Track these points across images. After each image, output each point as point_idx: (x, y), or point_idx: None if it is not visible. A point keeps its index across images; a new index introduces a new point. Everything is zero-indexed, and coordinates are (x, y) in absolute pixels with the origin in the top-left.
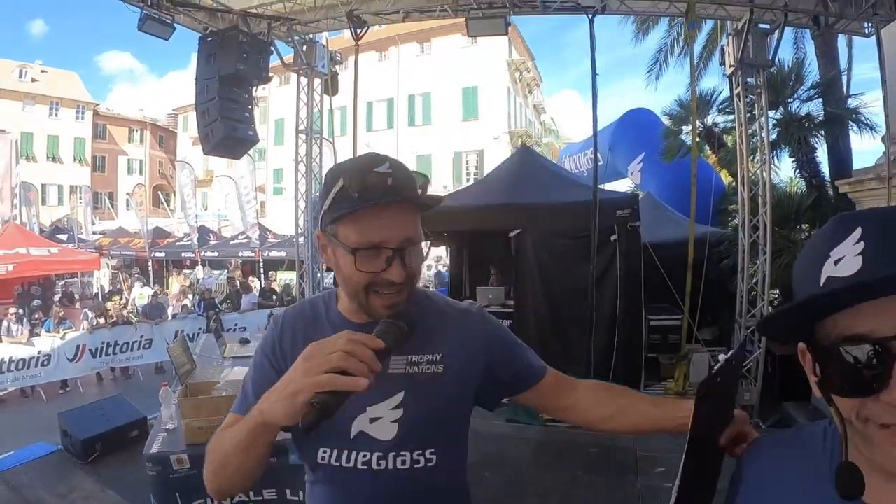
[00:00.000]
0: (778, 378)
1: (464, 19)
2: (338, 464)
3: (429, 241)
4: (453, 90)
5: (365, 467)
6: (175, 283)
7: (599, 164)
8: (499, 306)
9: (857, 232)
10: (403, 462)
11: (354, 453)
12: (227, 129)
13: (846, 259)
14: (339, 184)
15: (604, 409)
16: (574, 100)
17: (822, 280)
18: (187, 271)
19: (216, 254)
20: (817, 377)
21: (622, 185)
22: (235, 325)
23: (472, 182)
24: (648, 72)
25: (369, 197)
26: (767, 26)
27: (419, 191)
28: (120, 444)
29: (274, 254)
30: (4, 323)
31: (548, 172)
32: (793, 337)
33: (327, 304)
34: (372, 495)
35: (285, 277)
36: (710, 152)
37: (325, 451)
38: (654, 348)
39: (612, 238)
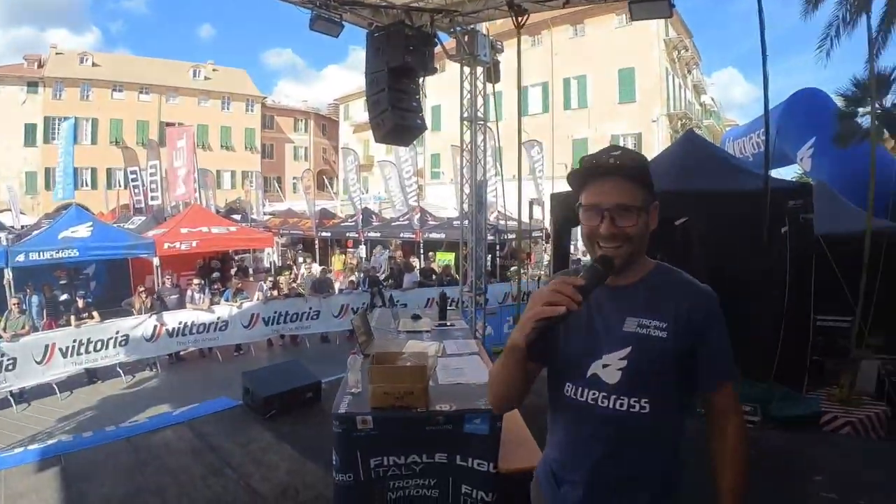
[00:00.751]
0: None
1: (626, 3)
2: (575, 397)
3: (650, 210)
4: (609, 72)
5: (594, 403)
6: (338, 262)
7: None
8: None
9: None
10: (622, 405)
11: (587, 390)
12: (397, 119)
13: None
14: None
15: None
16: (737, 78)
17: None
18: (351, 250)
19: (378, 234)
20: None
21: (790, 172)
22: (397, 301)
23: None
24: (818, 47)
25: (595, 171)
26: None
27: (640, 170)
28: (296, 403)
29: (433, 235)
30: (189, 292)
31: (714, 158)
32: None
33: None
34: (595, 427)
35: (444, 258)
36: (888, 137)
37: (569, 386)
38: (819, 351)
39: (783, 230)
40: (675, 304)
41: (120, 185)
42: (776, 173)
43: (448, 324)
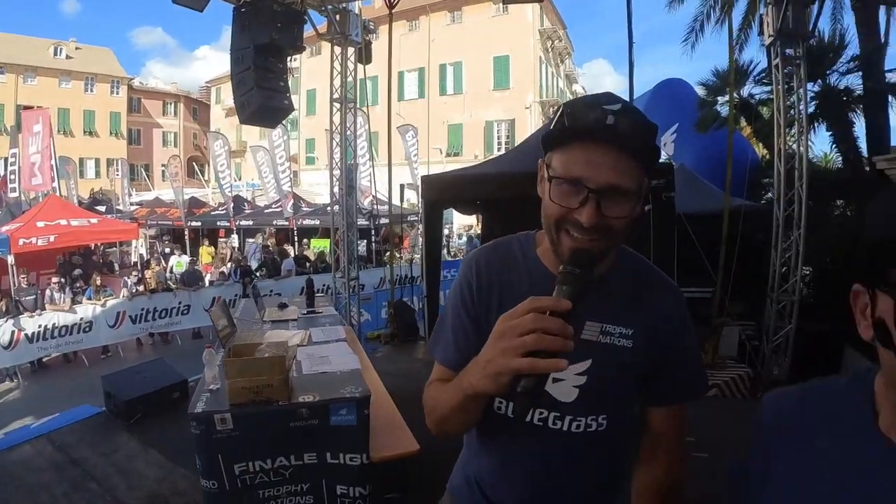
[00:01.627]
0: (810, 355)
1: None
2: (513, 416)
3: (642, 195)
4: (484, 59)
5: (540, 424)
6: (205, 254)
7: None
8: None
9: None
10: (578, 426)
11: (528, 412)
12: (263, 99)
13: None
14: (560, 111)
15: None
16: (607, 69)
17: None
18: (223, 240)
19: (251, 222)
20: (873, 319)
21: None
22: (271, 290)
23: (503, 152)
24: (684, 41)
25: (581, 129)
26: None
27: (645, 142)
28: (162, 405)
29: (307, 222)
30: (48, 292)
31: None
32: (857, 275)
33: (524, 246)
34: (541, 450)
35: (319, 245)
36: (745, 124)
37: (501, 402)
38: None
39: (647, 208)
40: (644, 307)
41: None
42: None
43: (317, 311)
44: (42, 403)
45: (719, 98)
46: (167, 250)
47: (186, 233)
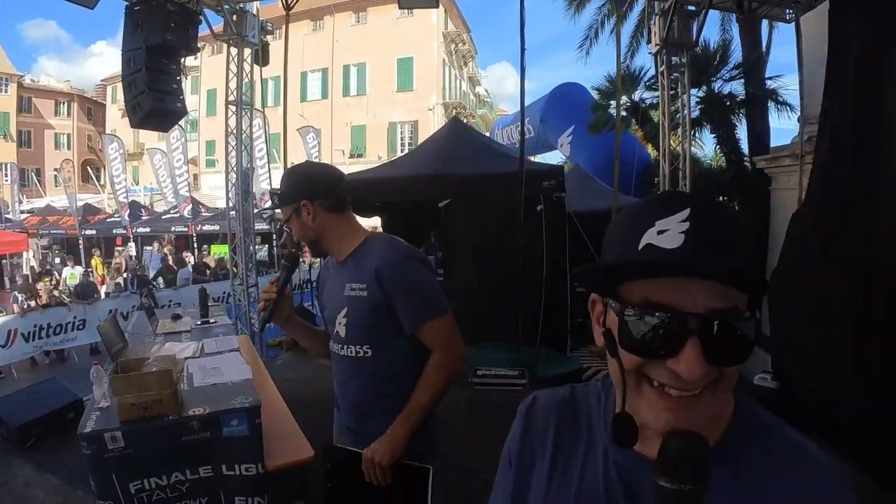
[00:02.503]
0: None
1: None
2: (333, 349)
3: (300, 211)
4: (388, 61)
5: (337, 353)
6: (98, 265)
7: (531, 136)
8: None
9: (686, 212)
10: (351, 351)
11: (334, 343)
12: (155, 101)
13: (670, 233)
14: None
15: None
16: (510, 71)
17: (642, 244)
18: (119, 248)
19: (148, 229)
20: (604, 328)
21: (553, 157)
22: (170, 301)
23: (406, 153)
24: (579, 47)
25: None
26: (693, 8)
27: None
28: (57, 427)
29: (207, 227)
30: None
31: (477, 144)
32: (593, 287)
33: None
34: (340, 371)
35: (219, 251)
36: (636, 127)
37: (332, 342)
38: (581, 314)
39: (538, 208)
40: (370, 267)
41: None
42: (542, 158)
43: (210, 321)
44: None
45: (612, 101)
46: (57, 260)
47: (81, 242)
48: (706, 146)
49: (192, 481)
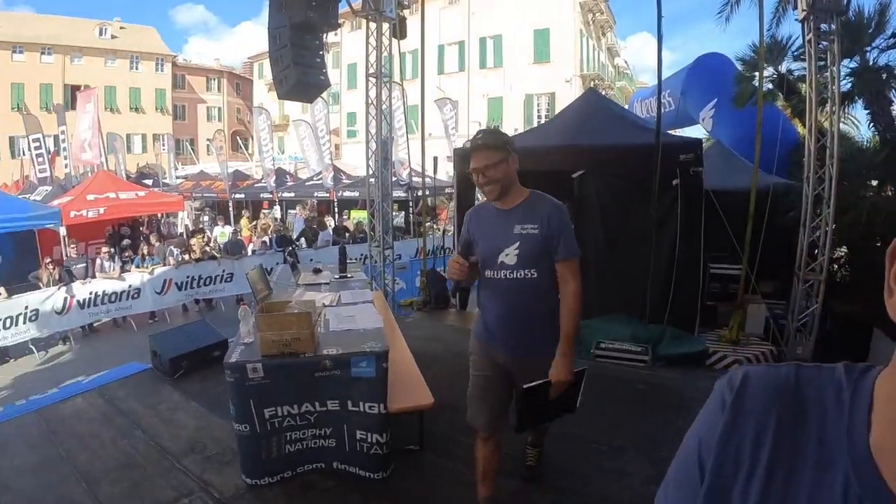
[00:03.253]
0: (837, 336)
1: None
2: (492, 275)
3: (509, 161)
4: (524, 32)
5: (502, 277)
6: (245, 226)
7: (671, 109)
8: None
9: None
10: (520, 274)
11: (499, 271)
12: (300, 75)
13: None
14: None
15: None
16: (650, 42)
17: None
18: (265, 211)
19: (292, 194)
20: None
21: (695, 132)
22: (310, 259)
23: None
24: (718, 13)
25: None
26: None
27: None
28: (203, 362)
29: (348, 194)
30: (98, 261)
31: (613, 115)
32: None
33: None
34: (507, 290)
35: (358, 216)
36: (784, 101)
37: (488, 271)
38: (713, 296)
39: (674, 182)
40: (541, 214)
41: (24, 154)
42: (684, 133)
43: (348, 276)
44: (93, 364)
45: (756, 73)
46: (206, 219)
47: (231, 205)
48: (861, 124)
49: (320, 413)
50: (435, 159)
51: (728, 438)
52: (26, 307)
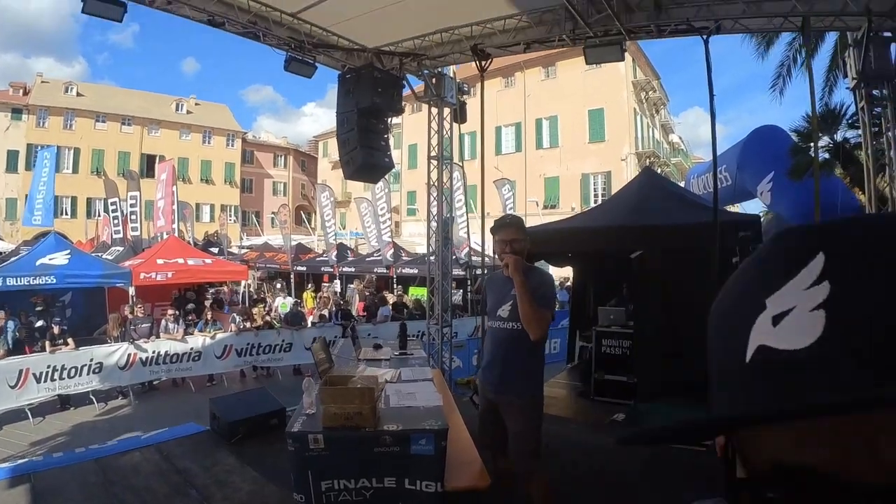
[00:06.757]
0: None
1: (582, 47)
2: (491, 325)
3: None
4: (579, 112)
5: (497, 326)
6: (309, 298)
7: (727, 184)
8: (619, 326)
9: (819, 261)
10: (510, 326)
11: (497, 322)
12: (366, 157)
13: (795, 315)
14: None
15: None
16: (703, 117)
17: (750, 351)
18: (326, 284)
19: (353, 269)
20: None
21: (753, 206)
22: (368, 334)
23: (598, 204)
24: (772, 87)
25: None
26: (890, 34)
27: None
28: (261, 429)
29: (407, 270)
30: (163, 322)
31: (670, 194)
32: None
33: None
34: (498, 339)
35: (416, 293)
36: (840, 170)
37: (489, 322)
38: None
39: (734, 260)
40: (532, 281)
41: (99, 215)
42: (742, 208)
43: (408, 353)
44: (150, 420)
45: (812, 144)
46: (278, 285)
47: (292, 276)
48: None
49: (376, 489)
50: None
51: None
52: (91, 359)
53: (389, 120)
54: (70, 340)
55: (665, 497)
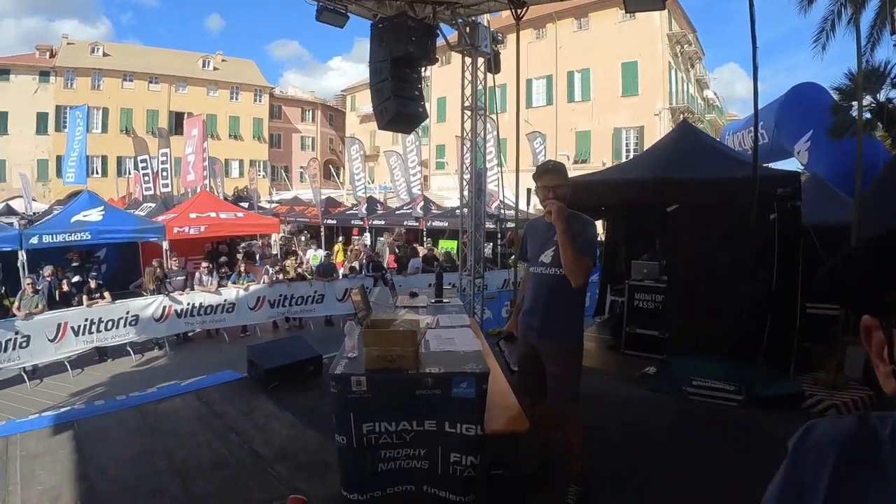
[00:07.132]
0: None
1: None
2: (534, 271)
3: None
4: (612, 66)
5: (541, 273)
6: (340, 251)
7: (764, 142)
8: (652, 281)
9: None
10: (553, 271)
11: (539, 268)
12: (399, 107)
13: None
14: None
15: None
16: (739, 73)
17: None
18: (356, 237)
19: (382, 222)
20: (893, 365)
21: (789, 165)
22: (399, 285)
23: (632, 157)
24: (814, 42)
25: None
26: None
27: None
28: (297, 375)
29: (437, 223)
30: (197, 274)
31: (707, 148)
32: (855, 299)
33: None
34: (540, 283)
35: (446, 246)
36: (882, 131)
37: (532, 268)
38: (809, 337)
39: (772, 217)
40: (575, 227)
41: (129, 173)
42: (778, 166)
43: (444, 301)
44: (186, 370)
45: (853, 103)
46: (303, 239)
47: (322, 230)
48: None
49: (417, 432)
50: (528, 191)
51: (787, 485)
52: (127, 312)
53: (423, 69)
54: (106, 294)
55: (692, 450)
